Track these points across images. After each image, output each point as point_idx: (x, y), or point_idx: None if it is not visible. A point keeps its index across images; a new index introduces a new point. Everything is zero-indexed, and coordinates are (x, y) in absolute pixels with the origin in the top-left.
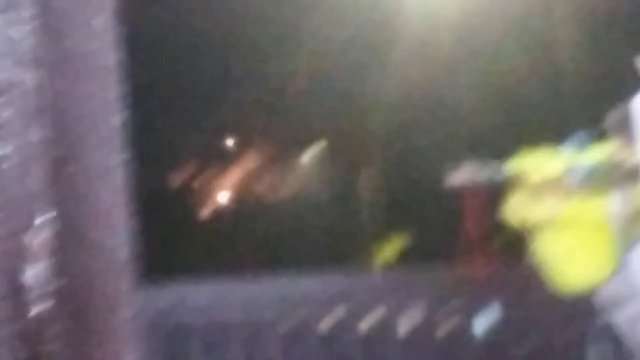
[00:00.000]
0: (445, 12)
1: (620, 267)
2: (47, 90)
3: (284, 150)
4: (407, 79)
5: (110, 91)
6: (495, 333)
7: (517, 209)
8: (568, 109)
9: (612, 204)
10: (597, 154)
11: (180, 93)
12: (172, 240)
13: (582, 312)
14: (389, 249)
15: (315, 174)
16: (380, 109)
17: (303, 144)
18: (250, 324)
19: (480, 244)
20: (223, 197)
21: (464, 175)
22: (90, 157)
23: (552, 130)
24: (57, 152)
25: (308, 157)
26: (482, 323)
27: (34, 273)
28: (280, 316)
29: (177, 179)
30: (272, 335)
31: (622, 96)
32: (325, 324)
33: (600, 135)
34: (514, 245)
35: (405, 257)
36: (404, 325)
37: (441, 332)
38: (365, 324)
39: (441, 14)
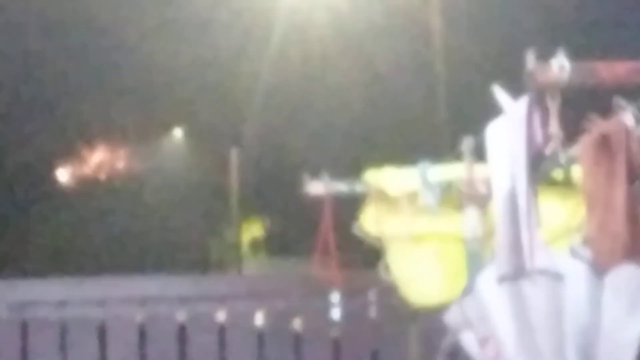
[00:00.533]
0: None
1: (469, 288)
2: None
3: (141, 142)
4: (277, 80)
5: None
6: (342, 338)
7: (371, 222)
8: (427, 129)
9: (464, 225)
10: (451, 174)
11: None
12: (18, 238)
13: (433, 328)
14: (246, 243)
15: (174, 162)
16: (251, 102)
17: (162, 132)
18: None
19: (333, 252)
20: (72, 191)
21: (320, 186)
22: None
23: (409, 147)
24: None
25: (166, 146)
26: None
27: None
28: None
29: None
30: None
31: (479, 122)
32: (179, 318)
33: (456, 157)
34: (367, 256)
35: (262, 251)
36: (257, 319)
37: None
38: (219, 318)
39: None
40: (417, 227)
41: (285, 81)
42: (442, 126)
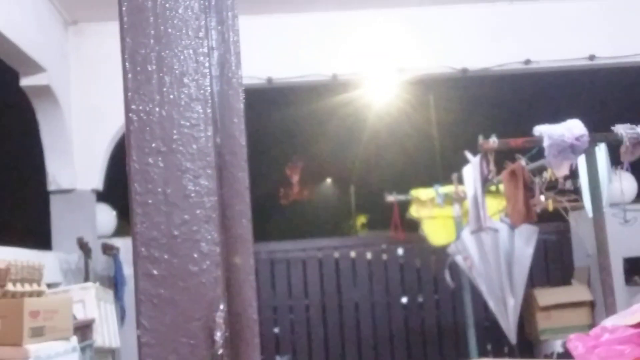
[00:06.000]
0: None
1: (459, 236)
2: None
3: None
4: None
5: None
6: None
7: (414, 211)
8: (434, 170)
9: (455, 210)
10: (446, 189)
11: None
12: None
13: (442, 252)
14: None
15: None
16: None
17: None
18: None
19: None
20: None
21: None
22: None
23: (428, 179)
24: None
25: None
26: None
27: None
28: None
29: None
30: None
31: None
32: None
33: (448, 182)
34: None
35: None
36: None
37: None
38: None
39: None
40: (434, 213)
41: None
42: (439, 171)
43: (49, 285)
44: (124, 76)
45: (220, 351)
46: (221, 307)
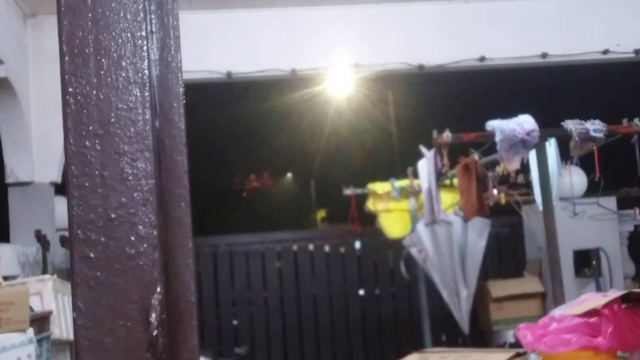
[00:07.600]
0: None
1: (414, 228)
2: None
3: None
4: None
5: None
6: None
7: (371, 204)
8: (391, 164)
9: (411, 204)
10: (402, 183)
11: None
12: None
13: (398, 245)
14: None
15: None
16: None
17: None
18: None
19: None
20: None
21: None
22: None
23: (386, 173)
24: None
25: None
26: None
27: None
28: None
29: None
30: None
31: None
32: None
33: (404, 176)
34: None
35: None
36: None
37: None
38: None
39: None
40: (390, 206)
41: None
42: (397, 165)
43: (7, 278)
44: (60, 59)
45: (155, 332)
46: (158, 289)
